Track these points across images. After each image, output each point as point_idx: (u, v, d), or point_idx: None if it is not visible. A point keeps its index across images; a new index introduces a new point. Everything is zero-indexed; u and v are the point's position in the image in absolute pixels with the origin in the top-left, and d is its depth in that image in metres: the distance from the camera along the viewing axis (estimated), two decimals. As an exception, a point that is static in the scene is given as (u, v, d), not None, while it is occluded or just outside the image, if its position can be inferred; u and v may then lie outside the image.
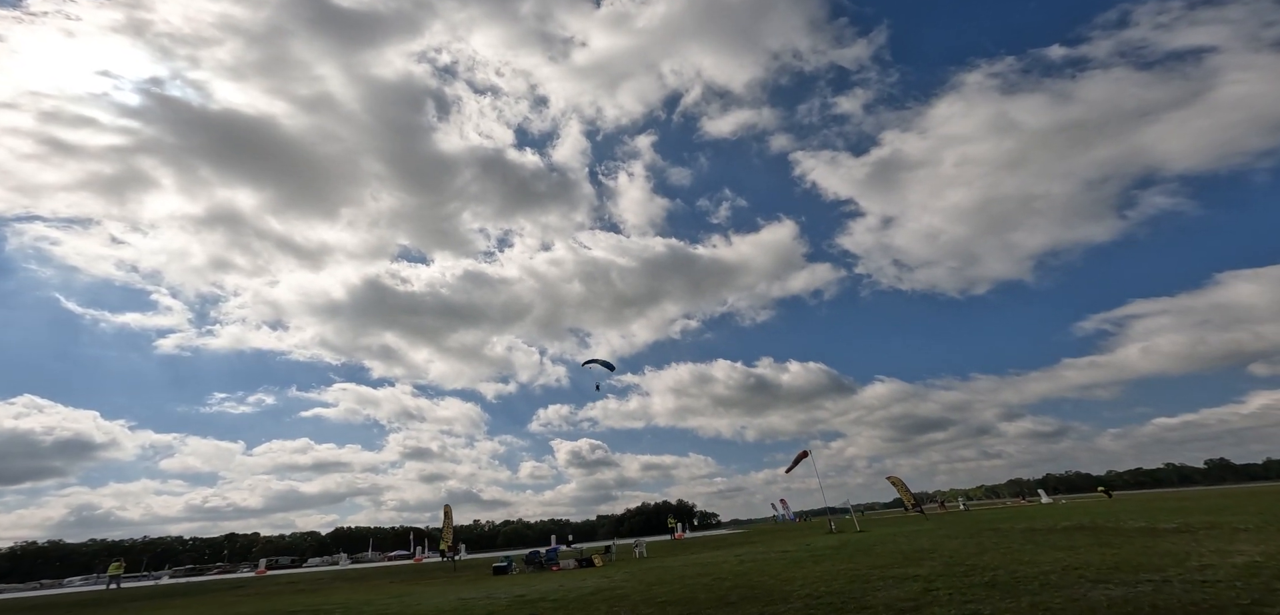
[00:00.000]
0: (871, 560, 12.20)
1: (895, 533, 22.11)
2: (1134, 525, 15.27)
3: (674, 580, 12.03)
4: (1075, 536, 13.40)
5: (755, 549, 20.28)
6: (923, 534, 19.53)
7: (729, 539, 34.14)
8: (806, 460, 30.94)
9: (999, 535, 16.03)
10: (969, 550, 12.59)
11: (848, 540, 20.09)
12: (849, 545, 17.41)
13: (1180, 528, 13.47)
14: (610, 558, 22.41)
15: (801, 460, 30.94)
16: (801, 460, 30.94)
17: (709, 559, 17.56)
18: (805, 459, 30.84)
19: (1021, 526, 18.65)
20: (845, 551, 15.12)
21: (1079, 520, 19.40)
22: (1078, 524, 17.46)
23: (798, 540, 24.33)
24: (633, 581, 12.37)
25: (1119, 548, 10.33)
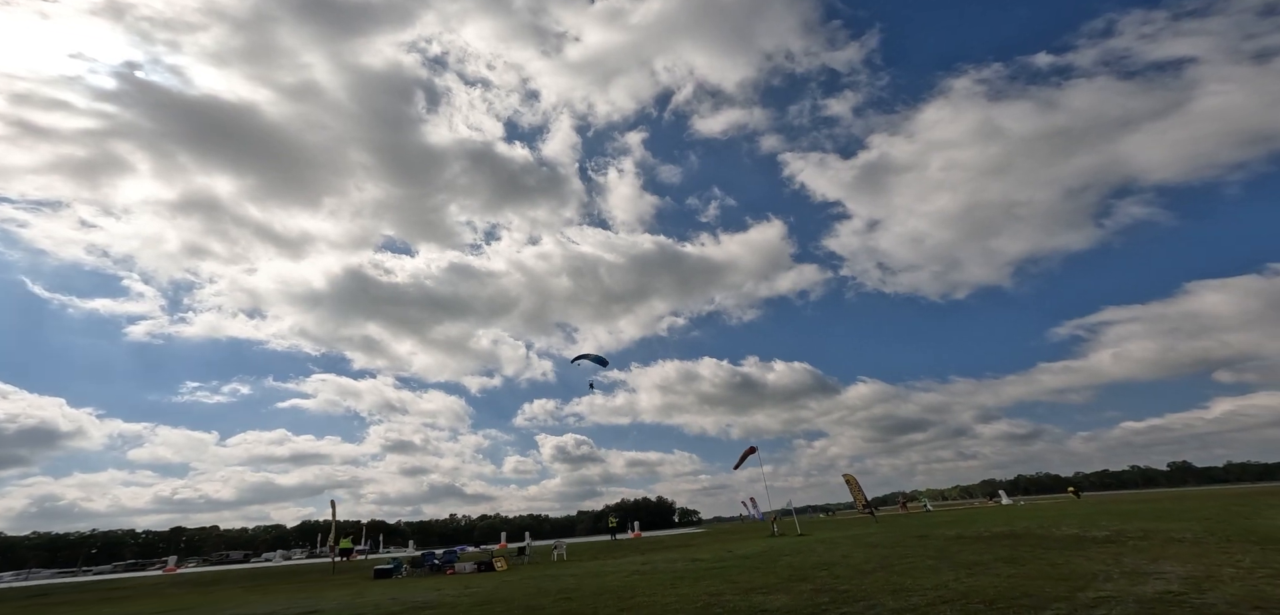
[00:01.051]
0: (754, 578, 10.27)
1: (826, 538, 20.28)
2: (1066, 532, 13.51)
3: (536, 592, 10.02)
4: (994, 547, 11.60)
5: (678, 554, 18.33)
6: (848, 541, 17.70)
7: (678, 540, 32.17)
8: (753, 457, 29.24)
9: (921, 543, 14.19)
10: (869, 565, 10.71)
11: (770, 546, 18.19)
12: (768, 553, 15.52)
13: (1112, 537, 11.69)
14: (522, 560, 20.28)
15: (749, 456, 29.18)
16: (749, 456, 29.18)
17: (615, 567, 15.58)
18: (752, 455, 29.11)
19: (953, 533, 16.83)
20: (747, 564, 13.20)
21: (1016, 525, 17.64)
22: (1010, 531, 15.67)
23: (733, 544, 22.44)
24: (510, 589, 10.39)
25: (1027, 564, 8.47)
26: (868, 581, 8.22)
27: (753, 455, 29.03)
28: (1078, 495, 57.70)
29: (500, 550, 27.05)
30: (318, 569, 26.08)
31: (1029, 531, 14.75)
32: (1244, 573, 6.76)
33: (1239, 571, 6.82)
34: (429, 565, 18.97)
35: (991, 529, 16.78)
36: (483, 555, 23.10)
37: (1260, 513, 16.01)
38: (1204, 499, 31.16)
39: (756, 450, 28.90)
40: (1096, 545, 10.60)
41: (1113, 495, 60.81)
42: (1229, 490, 52.77)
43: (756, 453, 28.93)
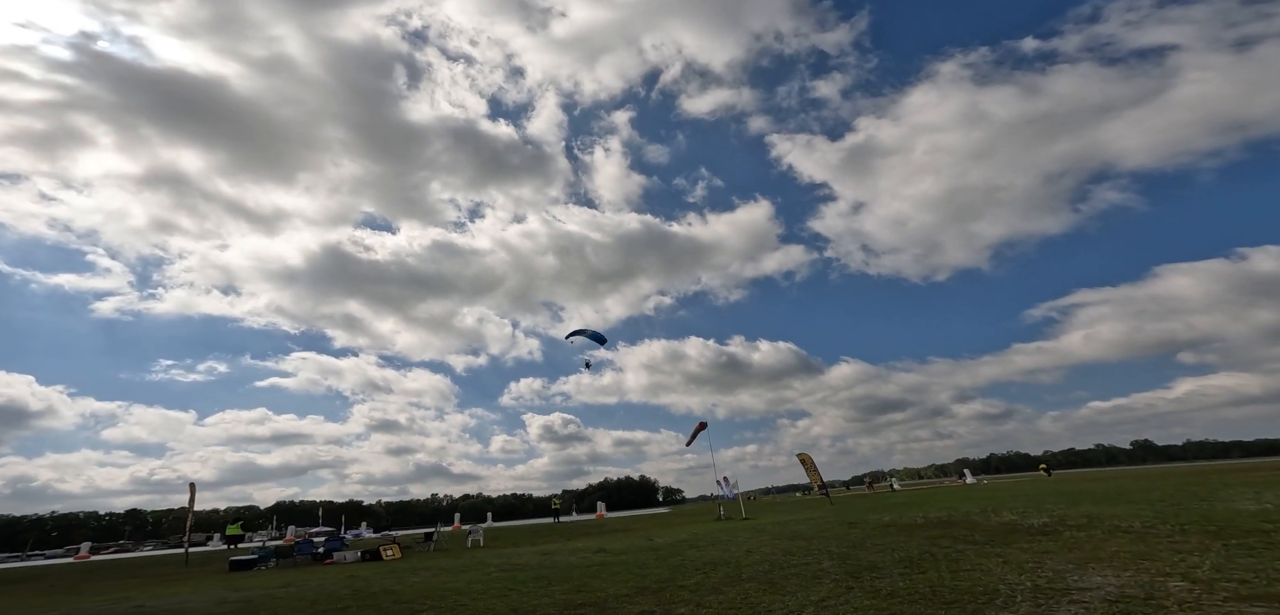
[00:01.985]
0: (620, 582, 8.34)
1: (757, 526, 18.56)
2: (1002, 520, 11.76)
3: (376, 591, 8.00)
4: (913, 538, 9.81)
5: (600, 541, 16.44)
6: (775, 528, 15.94)
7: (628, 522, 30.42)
8: (703, 433, 27.60)
9: (843, 533, 12.40)
10: (773, 558, 8.84)
11: (697, 535, 16.37)
12: (684, 544, 13.68)
13: (1049, 526, 9.93)
14: (428, 548, 18.23)
15: (700, 432, 27.49)
16: (700, 432, 27.49)
17: (536, 551, 13.65)
18: (703, 431, 27.43)
19: (887, 519, 15.09)
20: (642, 560, 11.30)
21: (958, 510, 15.96)
22: (948, 517, 13.94)
23: (667, 531, 20.64)
24: (355, 585, 8.38)
25: (927, 571, 6.58)
26: (723, 598, 6.29)
27: (703, 431, 27.37)
28: (1048, 473, 57.15)
29: (402, 536, 24.53)
30: (173, 561, 23.13)
31: (967, 518, 13.02)
32: (1198, 586, 4.88)
33: (1191, 585, 4.94)
34: (308, 553, 16.78)
35: (931, 514, 15.08)
36: (372, 542, 20.61)
37: (1217, 494, 14.51)
38: (1162, 478, 30.06)
39: (706, 426, 27.23)
40: (1027, 538, 8.79)
41: (1075, 474, 60.40)
42: (1187, 469, 52.36)
43: (706, 428, 27.27)
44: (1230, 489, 16.09)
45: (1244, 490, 15.33)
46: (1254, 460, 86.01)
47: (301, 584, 10.83)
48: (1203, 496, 14.20)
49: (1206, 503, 12.36)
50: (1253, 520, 9.04)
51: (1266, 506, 10.98)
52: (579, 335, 26.94)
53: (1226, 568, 5.53)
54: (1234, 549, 6.52)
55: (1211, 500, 12.93)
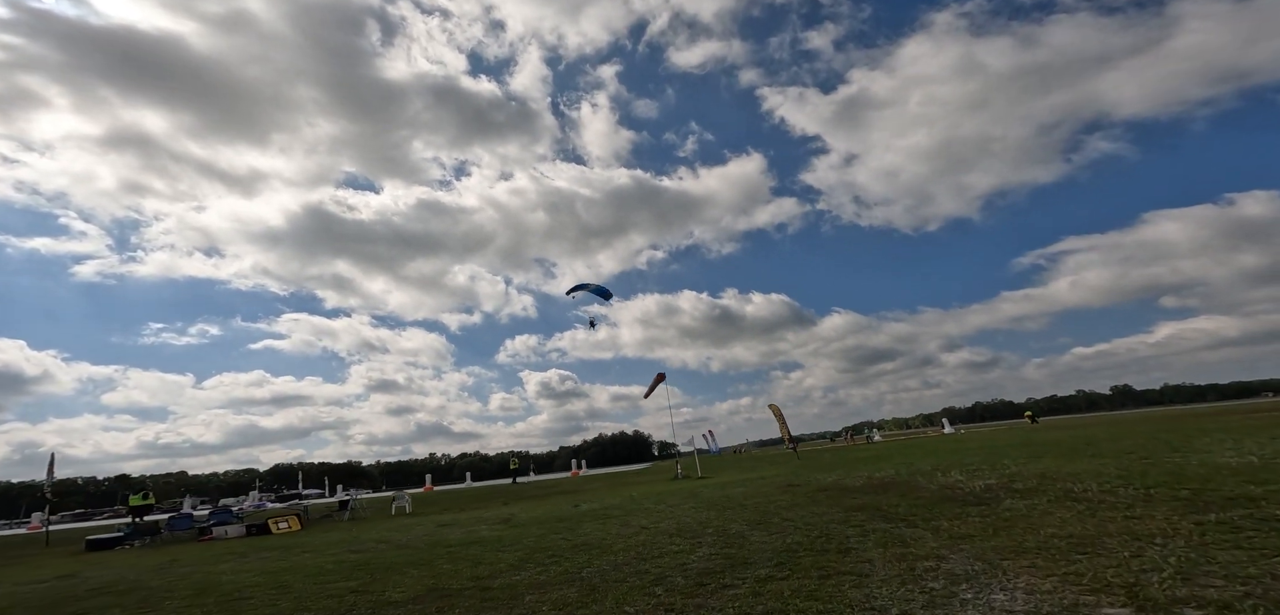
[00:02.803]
0: (485, 564, 6.56)
1: (707, 485, 17.00)
2: (949, 481, 10.02)
3: (203, 577, 6.23)
4: (834, 508, 8.09)
5: (522, 508, 14.86)
6: (711, 491, 14.35)
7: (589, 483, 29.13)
8: (661, 384, 26.04)
9: (778, 497, 10.72)
10: (654, 542, 7.09)
11: (628, 500, 14.76)
12: (599, 514, 12.03)
13: (991, 491, 8.20)
14: (342, 517, 16.62)
15: (659, 383, 25.90)
16: (659, 383, 25.90)
17: (445, 521, 12.00)
18: (662, 382, 25.84)
19: (830, 480, 13.47)
20: (534, 534, 9.60)
21: (908, 466, 14.35)
22: (890, 478, 12.27)
23: (603, 494, 19.15)
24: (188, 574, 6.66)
25: (796, 576, 4.80)
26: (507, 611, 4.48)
27: (661, 382, 25.76)
28: (1034, 420, 56.18)
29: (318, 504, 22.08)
30: (35, 541, 21.15)
31: (912, 479, 11.33)
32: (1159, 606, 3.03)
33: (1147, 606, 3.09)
34: (185, 528, 15.10)
35: (878, 474, 13.43)
36: (263, 515, 18.34)
37: (1193, 443, 12.93)
38: (1138, 424, 28.76)
39: (664, 378, 25.60)
40: (956, 510, 7.02)
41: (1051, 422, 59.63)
42: (1163, 414, 51.51)
43: (665, 379, 25.65)
44: (1207, 436, 14.50)
45: (1222, 438, 13.72)
46: (1229, 402, 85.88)
47: (116, 566, 9.09)
48: (1177, 446, 12.56)
49: (1181, 455, 10.67)
50: (1234, 479, 7.30)
51: (1249, 459, 9.28)
52: (581, 290, 24.58)
53: (1198, 565, 3.72)
54: (1211, 529, 4.71)
55: (1186, 451, 11.27)
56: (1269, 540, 4.16)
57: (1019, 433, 32.33)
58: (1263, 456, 9.34)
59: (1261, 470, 7.88)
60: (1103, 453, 12.70)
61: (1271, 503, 5.55)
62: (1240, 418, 23.59)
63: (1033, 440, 21.33)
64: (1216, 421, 22.15)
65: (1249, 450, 10.55)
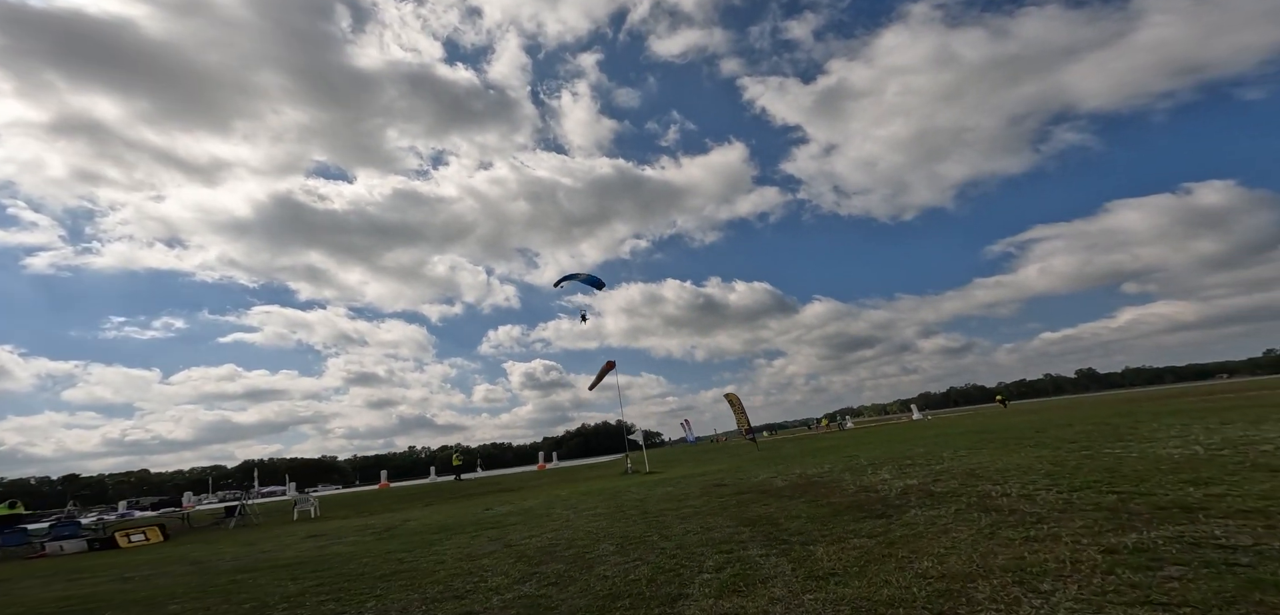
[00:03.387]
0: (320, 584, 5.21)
1: (636, 485, 15.85)
2: (871, 482, 8.98)
3: None
4: (733, 515, 6.95)
5: (440, 511, 13.53)
6: (635, 494, 13.18)
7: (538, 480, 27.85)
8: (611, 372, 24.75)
9: (696, 502, 9.56)
10: (558, 544, 5.83)
11: (550, 501, 13.51)
12: (521, 516, 10.74)
13: (901, 498, 7.12)
14: (229, 525, 15.04)
15: (608, 372, 24.60)
16: (608, 372, 24.60)
17: (352, 528, 10.58)
18: (611, 370, 24.55)
19: (758, 480, 12.40)
20: (400, 544, 8.26)
21: (843, 462, 13.36)
22: (817, 476, 11.22)
23: (552, 490, 17.91)
24: None
25: None
26: None
27: (611, 371, 24.48)
28: (1005, 404, 56.22)
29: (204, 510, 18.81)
30: None
31: (837, 480, 10.25)
32: None
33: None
34: (20, 543, 13.29)
35: (812, 470, 12.38)
36: (113, 526, 14.95)
37: (1140, 429, 12.14)
38: (1093, 407, 28.45)
39: (614, 366, 24.31)
40: (850, 524, 5.90)
41: (1017, 406, 59.98)
42: (1120, 397, 52.01)
43: (614, 367, 24.35)
44: (1157, 421, 13.76)
45: (1171, 422, 12.95)
46: (1184, 384, 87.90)
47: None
48: (1123, 434, 11.71)
49: (1122, 445, 9.75)
50: (1173, 478, 6.29)
51: (1194, 449, 8.35)
52: (570, 279, 22.48)
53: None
54: (1123, 562, 3.59)
55: (1131, 440, 10.37)
56: (1188, 589, 3.04)
57: (980, 419, 31.93)
58: (1208, 447, 8.42)
59: (1205, 465, 6.91)
60: (1046, 442, 11.79)
61: (1209, 515, 4.49)
62: (1194, 400, 23.25)
63: (988, 427, 20.63)
64: (1170, 404, 21.71)
65: (1196, 438, 9.67)
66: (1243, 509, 4.56)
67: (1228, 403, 18.56)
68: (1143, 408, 21.31)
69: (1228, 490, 5.39)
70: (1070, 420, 18.54)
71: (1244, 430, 10.04)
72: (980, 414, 43.48)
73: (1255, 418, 12.13)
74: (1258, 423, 11.04)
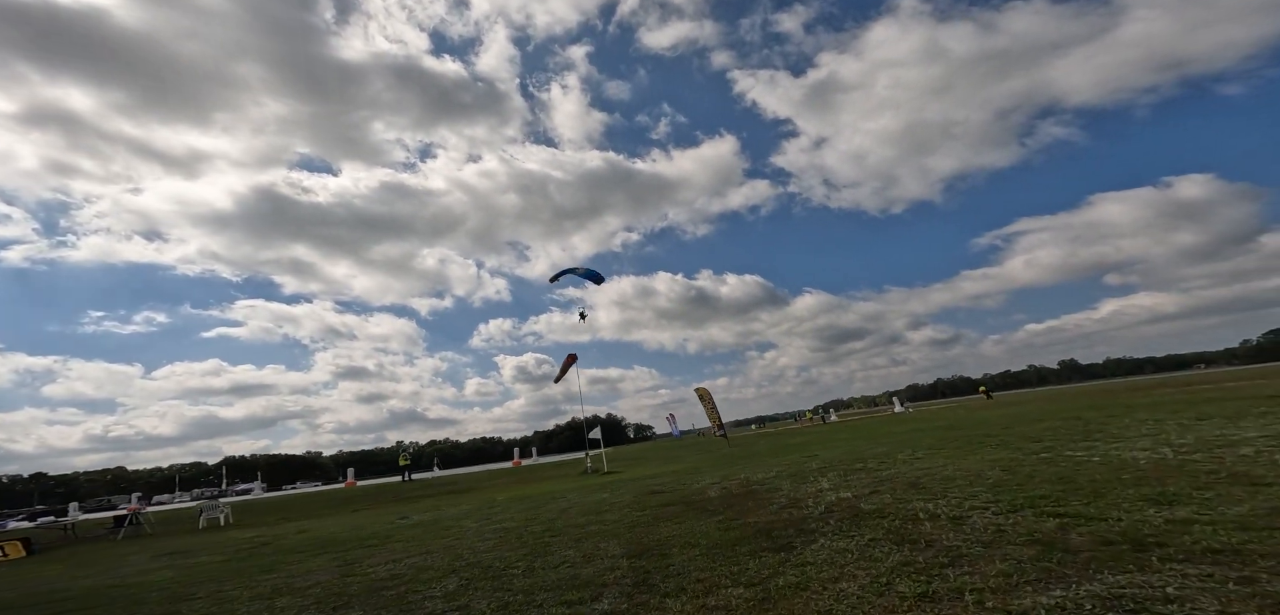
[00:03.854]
0: None
1: (581, 490, 14.76)
2: (809, 492, 7.94)
3: None
4: (636, 537, 5.86)
5: (392, 512, 12.34)
6: (571, 501, 12.09)
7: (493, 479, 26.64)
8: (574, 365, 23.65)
9: (617, 515, 8.46)
10: (395, 577, 4.67)
11: (488, 505, 12.35)
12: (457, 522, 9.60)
13: (823, 517, 6.05)
14: (118, 535, 13.68)
15: (570, 365, 23.49)
16: (570, 365, 23.49)
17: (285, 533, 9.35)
18: (573, 363, 23.43)
19: (695, 487, 11.34)
20: (249, 558, 7.08)
21: (792, 466, 12.33)
22: (760, 483, 10.17)
23: (495, 491, 16.81)
24: None
25: None
26: None
27: (573, 364, 23.35)
28: (989, 396, 55.73)
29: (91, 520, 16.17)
30: None
31: (770, 491, 9.21)
32: None
33: None
34: None
35: (754, 478, 11.34)
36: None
37: (1110, 424, 11.21)
38: (1071, 399, 27.75)
39: (577, 359, 23.19)
40: (753, 557, 4.81)
41: (1001, 397, 59.57)
42: (1099, 387, 51.66)
43: (577, 360, 23.24)
44: (1130, 416, 12.85)
45: (1144, 418, 12.04)
46: (1163, 375, 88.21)
47: None
48: (1092, 431, 10.75)
49: (1087, 446, 8.76)
50: (1134, 492, 5.26)
51: (1163, 451, 7.37)
52: (567, 274, 20.78)
53: None
54: None
55: (1098, 438, 9.40)
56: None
57: (958, 413, 31.19)
58: (1179, 450, 7.43)
59: (1173, 473, 5.89)
60: (1009, 441, 10.81)
61: (1166, 556, 3.43)
62: (1170, 392, 22.51)
63: (960, 423, 19.73)
64: (1147, 396, 20.92)
65: (1167, 437, 8.70)
66: (1211, 547, 3.51)
67: (1205, 395, 17.76)
68: (1119, 400, 20.52)
69: (1195, 513, 4.34)
70: (1043, 414, 17.66)
71: (1220, 428, 9.09)
72: (962, 407, 42.85)
73: (1233, 412, 11.22)
74: (1236, 419, 10.11)
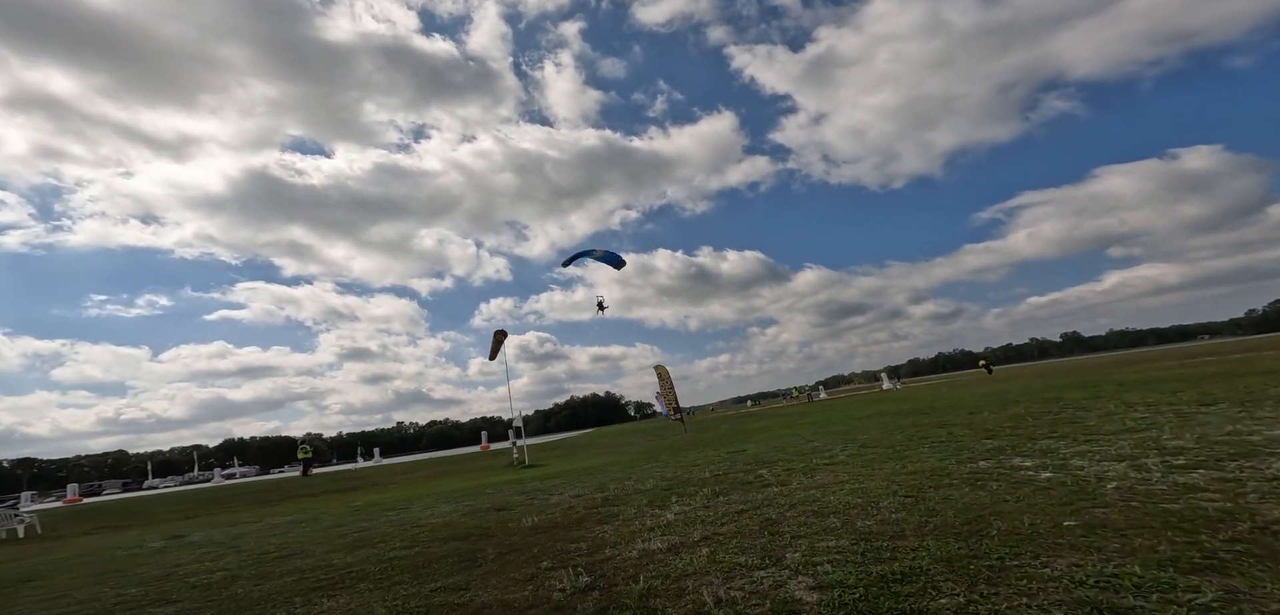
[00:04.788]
0: None
1: (493, 486, 12.48)
2: (744, 479, 5.56)
3: None
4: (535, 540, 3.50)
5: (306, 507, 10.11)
6: (466, 500, 9.75)
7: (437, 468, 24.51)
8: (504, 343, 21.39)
9: (412, 544, 6.07)
10: None
11: (374, 503, 10.02)
12: (284, 527, 7.26)
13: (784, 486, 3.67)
14: None
15: (500, 343, 21.21)
16: (500, 343, 21.21)
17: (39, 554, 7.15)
18: (504, 340, 21.13)
19: (559, 501, 8.94)
20: None
21: (750, 456, 9.91)
22: (595, 503, 7.76)
23: (412, 487, 14.61)
24: None
25: None
26: None
27: (504, 341, 21.02)
28: (990, 370, 53.03)
29: None
30: None
31: (613, 514, 6.79)
32: None
33: None
34: None
35: (625, 487, 8.92)
36: None
37: (1093, 408, 8.69)
38: (1063, 374, 25.08)
39: (506, 335, 20.87)
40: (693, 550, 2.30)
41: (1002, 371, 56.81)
42: (1097, 361, 48.73)
43: (506, 337, 20.91)
44: (1119, 399, 10.29)
45: (1134, 402, 9.50)
46: (1165, 347, 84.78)
47: None
48: (1063, 421, 8.25)
49: (1047, 448, 6.27)
50: (1077, 573, 2.78)
51: (1147, 466, 4.86)
52: (583, 258, 17.79)
53: None
54: None
55: (1065, 434, 6.92)
56: None
57: (939, 391, 28.67)
58: (1170, 459, 4.92)
59: (1157, 516, 3.40)
60: (953, 438, 8.30)
61: None
62: (1174, 365, 19.83)
63: (931, 405, 17.23)
64: (1145, 372, 18.26)
65: (1159, 433, 6.19)
66: None
67: (1210, 370, 15.07)
68: (1112, 376, 17.86)
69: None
70: (1023, 395, 15.10)
71: (1231, 420, 6.54)
72: (953, 384, 40.29)
73: (1245, 394, 8.63)
74: (1250, 405, 7.53)
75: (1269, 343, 35.52)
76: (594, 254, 17.53)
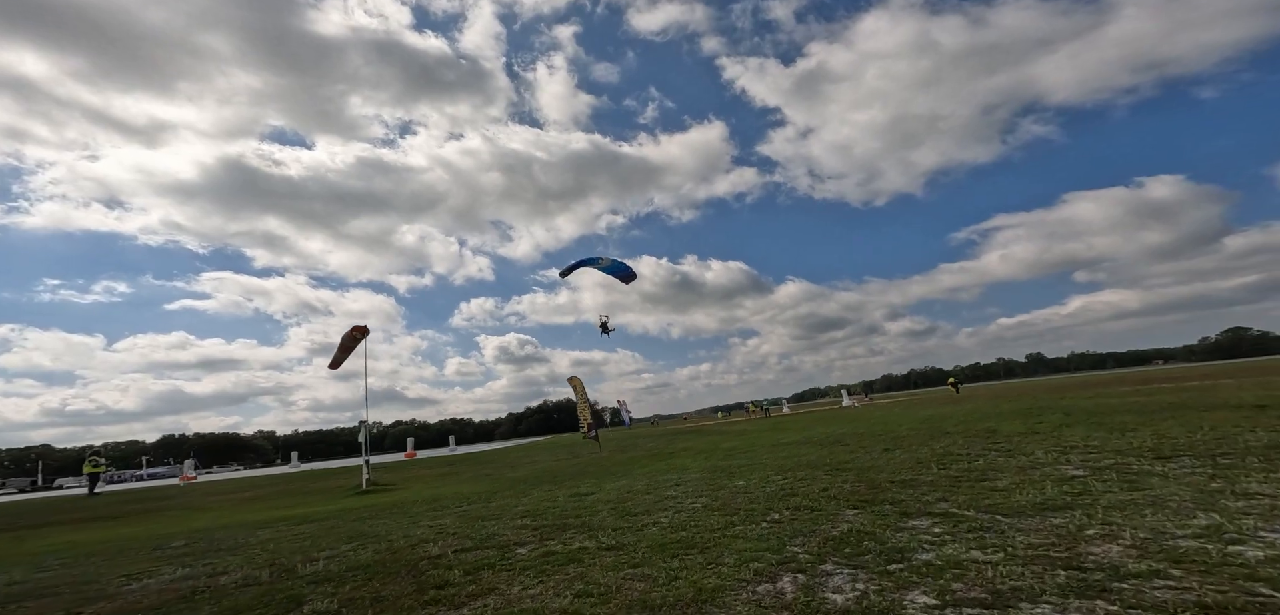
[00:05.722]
0: None
1: (304, 518, 9.68)
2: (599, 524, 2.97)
3: None
4: None
5: None
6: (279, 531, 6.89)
7: (323, 480, 21.45)
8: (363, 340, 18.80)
9: None
10: None
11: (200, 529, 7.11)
12: None
13: None
14: None
15: (359, 339, 18.59)
16: (359, 339, 18.59)
17: None
18: (364, 337, 18.52)
19: (426, 527, 6.26)
20: None
21: (535, 510, 7.38)
22: (391, 552, 5.14)
23: (244, 512, 11.76)
24: None
25: None
26: None
27: (364, 336, 18.38)
28: (957, 388, 51.55)
29: None
30: None
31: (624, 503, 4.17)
32: None
33: None
34: None
35: (431, 539, 6.32)
36: None
37: (1012, 456, 6.41)
38: (1017, 396, 23.30)
39: (367, 331, 18.22)
40: None
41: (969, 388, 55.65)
42: (1055, 383, 47.67)
43: (368, 333, 18.28)
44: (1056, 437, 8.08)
45: (1065, 441, 7.29)
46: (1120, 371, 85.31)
47: None
48: (967, 475, 5.97)
49: (918, 525, 3.91)
50: None
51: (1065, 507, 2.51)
52: (587, 265, 15.20)
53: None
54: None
55: (961, 493, 4.60)
56: None
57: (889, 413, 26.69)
58: (1142, 539, 2.56)
59: None
60: (827, 496, 5.96)
61: None
62: (1128, 393, 17.99)
63: (868, 431, 15.01)
64: (1094, 399, 16.31)
65: (1074, 530, 3.86)
66: None
67: (1166, 400, 13.06)
68: (1062, 402, 15.86)
69: None
70: (961, 424, 12.92)
71: (1205, 506, 4.21)
72: (912, 402, 38.59)
73: (1215, 443, 6.40)
74: (1226, 467, 5.27)
75: (1222, 370, 34.49)
76: (600, 264, 15.53)
